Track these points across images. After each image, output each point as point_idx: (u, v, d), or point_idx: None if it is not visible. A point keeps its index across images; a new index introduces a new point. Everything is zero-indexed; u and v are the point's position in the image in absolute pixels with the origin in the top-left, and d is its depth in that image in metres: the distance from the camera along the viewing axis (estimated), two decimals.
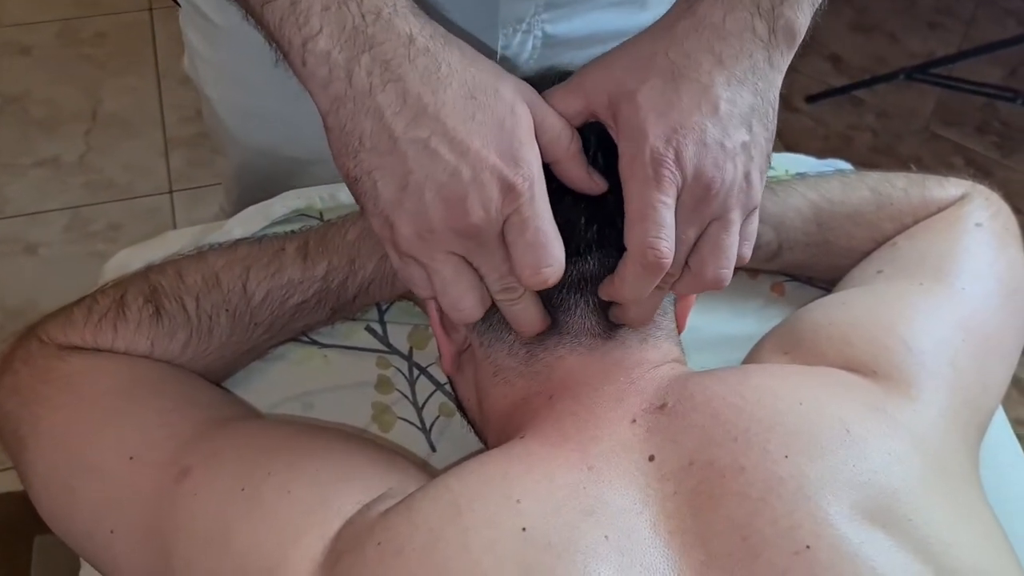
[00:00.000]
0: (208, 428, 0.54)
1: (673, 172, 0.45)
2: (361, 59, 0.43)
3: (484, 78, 0.45)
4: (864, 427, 0.48)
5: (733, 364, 0.64)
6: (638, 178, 0.46)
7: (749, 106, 0.47)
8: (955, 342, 0.56)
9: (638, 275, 0.47)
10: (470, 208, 0.44)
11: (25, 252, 1.60)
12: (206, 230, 0.78)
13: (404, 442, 0.67)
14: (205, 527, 0.48)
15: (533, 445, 0.49)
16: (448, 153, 0.43)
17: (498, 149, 0.44)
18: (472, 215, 0.44)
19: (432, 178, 0.43)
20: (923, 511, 0.45)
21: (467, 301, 0.48)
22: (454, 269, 0.46)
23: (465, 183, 0.43)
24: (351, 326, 0.71)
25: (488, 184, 0.44)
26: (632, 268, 0.47)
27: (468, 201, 0.43)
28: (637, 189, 0.46)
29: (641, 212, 0.46)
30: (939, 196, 0.69)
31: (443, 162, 0.43)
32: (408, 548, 0.43)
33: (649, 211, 0.46)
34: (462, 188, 0.43)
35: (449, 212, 0.44)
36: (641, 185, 0.46)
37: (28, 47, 1.86)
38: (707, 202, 0.46)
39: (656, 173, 0.45)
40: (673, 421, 0.49)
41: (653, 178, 0.45)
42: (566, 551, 0.43)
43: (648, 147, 0.45)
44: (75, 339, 0.58)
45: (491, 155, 0.43)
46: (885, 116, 1.88)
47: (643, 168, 0.46)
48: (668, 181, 0.45)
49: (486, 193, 0.44)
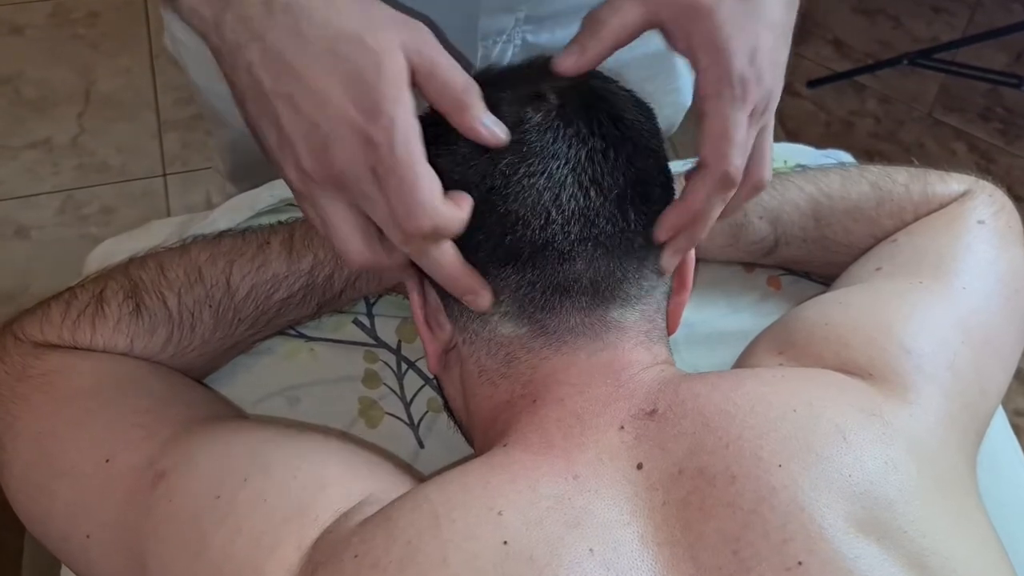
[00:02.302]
0: (186, 429, 0.53)
1: (755, 92, 0.47)
2: (225, 17, 0.44)
3: (350, 29, 0.44)
4: (860, 434, 0.47)
5: (728, 359, 0.63)
6: (724, 96, 0.47)
7: (790, 24, 0.50)
8: (954, 345, 0.55)
9: (713, 191, 0.49)
10: (334, 160, 0.44)
11: (17, 235, 1.59)
12: (192, 219, 0.77)
13: (392, 438, 0.66)
14: (180, 534, 0.47)
15: (516, 453, 0.47)
16: (310, 108, 0.44)
17: (356, 102, 0.43)
18: (336, 166, 0.45)
19: (298, 131, 0.44)
20: (919, 522, 0.44)
21: (352, 244, 0.48)
22: (340, 213, 0.47)
23: (326, 136, 0.44)
24: (338, 319, 0.70)
25: (347, 137, 0.44)
26: (709, 184, 0.49)
27: (331, 153, 0.44)
28: (721, 107, 0.47)
29: (724, 130, 0.48)
30: (941, 192, 0.67)
31: (305, 117, 0.44)
32: (385, 561, 0.42)
33: (732, 130, 0.48)
34: (324, 141, 0.44)
35: (317, 163, 0.45)
36: (726, 103, 0.47)
37: (20, 27, 1.84)
38: (767, 114, 0.50)
39: (743, 92, 0.47)
40: (663, 428, 0.47)
41: (740, 97, 0.47)
42: (549, 566, 0.41)
43: (735, 66, 0.47)
44: (52, 337, 0.57)
45: (349, 109, 0.43)
46: (887, 102, 1.86)
47: (729, 87, 0.47)
48: (750, 100, 0.47)
49: (346, 146, 0.44)
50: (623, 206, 0.50)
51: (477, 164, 0.49)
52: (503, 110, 0.49)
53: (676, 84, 0.83)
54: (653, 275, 0.52)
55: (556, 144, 0.49)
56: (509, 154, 0.48)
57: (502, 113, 0.49)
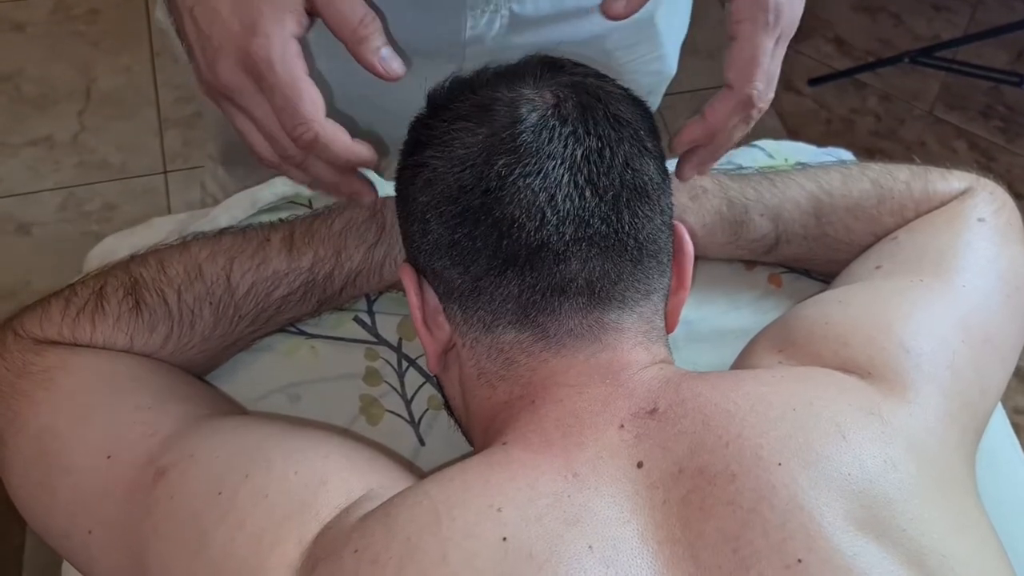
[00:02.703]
0: (186, 426, 0.53)
1: (784, 19, 0.50)
2: None
3: None
4: (860, 433, 0.47)
5: (729, 357, 0.63)
6: (759, 23, 0.50)
7: None
8: (954, 344, 0.55)
9: (734, 111, 0.52)
10: (219, 71, 0.49)
11: (18, 232, 1.59)
12: (194, 216, 0.77)
13: (392, 436, 0.66)
14: (181, 531, 0.47)
15: (515, 451, 0.47)
16: (205, 21, 0.49)
17: (241, 19, 0.48)
18: (221, 77, 0.49)
19: (197, 43, 0.50)
20: (918, 521, 0.44)
21: (260, 145, 0.52)
22: (239, 117, 0.52)
23: (214, 50, 0.49)
24: (339, 316, 0.70)
25: (230, 52, 0.48)
26: (731, 104, 0.52)
27: (218, 65, 0.49)
28: (754, 33, 0.50)
29: (754, 56, 0.51)
30: (942, 189, 0.67)
31: (200, 29, 0.49)
32: (384, 557, 0.42)
33: (762, 57, 0.51)
34: (213, 55, 0.49)
35: (211, 73, 0.50)
36: (760, 30, 0.50)
37: (21, 24, 1.84)
38: (786, 41, 0.52)
39: (776, 19, 0.50)
40: (663, 427, 0.47)
41: (772, 24, 0.50)
42: (548, 562, 0.41)
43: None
44: (52, 334, 0.57)
45: (235, 24, 0.48)
46: (888, 100, 1.86)
47: (764, 12, 0.50)
48: (780, 27, 0.50)
49: (228, 59, 0.48)
50: (618, 207, 0.50)
51: (473, 166, 0.49)
52: (498, 110, 0.49)
53: (659, 52, 0.83)
54: (650, 276, 0.52)
55: (552, 144, 0.49)
56: (505, 155, 0.48)
57: (497, 113, 0.49)
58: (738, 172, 0.72)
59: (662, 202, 0.52)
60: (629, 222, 0.50)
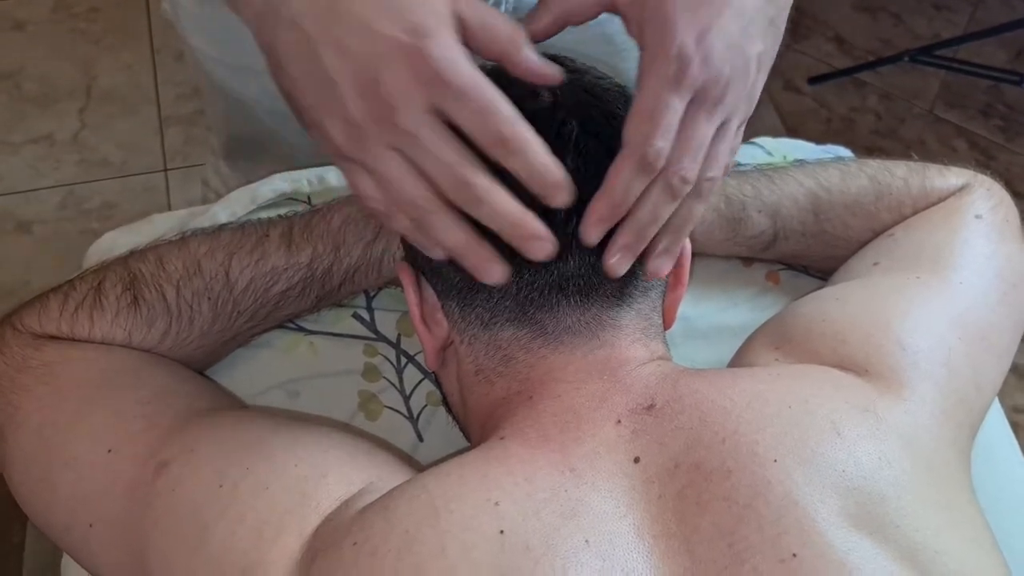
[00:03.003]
0: (187, 420, 0.53)
1: (697, 74, 0.44)
2: None
3: None
4: (855, 430, 0.47)
5: (726, 353, 0.63)
6: (659, 74, 0.44)
7: (768, 18, 0.46)
8: (950, 341, 0.55)
9: (632, 175, 0.45)
10: (383, 91, 0.42)
11: (18, 230, 1.59)
12: (194, 213, 0.77)
13: (391, 432, 0.66)
14: (182, 524, 0.47)
15: (513, 446, 0.47)
16: (358, 46, 0.42)
17: (406, 28, 0.42)
18: (386, 97, 0.42)
19: (345, 71, 0.42)
20: (911, 517, 0.45)
21: (414, 191, 0.45)
22: (396, 163, 0.44)
23: (376, 68, 0.42)
24: (338, 313, 0.70)
25: (398, 60, 0.42)
26: (628, 166, 0.45)
27: (380, 84, 0.42)
28: (654, 85, 0.44)
29: (651, 110, 0.44)
30: (939, 186, 0.67)
31: (353, 56, 0.42)
32: (383, 549, 0.42)
33: (661, 111, 0.44)
34: (373, 74, 0.42)
35: (368, 103, 0.43)
36: (659, 82, 0.44)
37: (22, 22, 1.84)
38: (722, 107, 0.45)
39: (679, 72, 0.43)
40: (660, 423, 0.48)
41: (674, 77, 0.44)
42: (545, 555, 0.42)
43: (676, 43, 0.43)
44: (50, 329, 0.57)
45: (400, 34, 0.42)
46: (888, 98, 1.86)
47: (666, 65, 0.44)
48: (688, 84, 0.44)
49: (398, 73, 0.42)
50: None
51: None
52: None
53: None
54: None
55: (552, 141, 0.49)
56: None
57: None
58: (736, 169, 0.72)
59: None
60: None
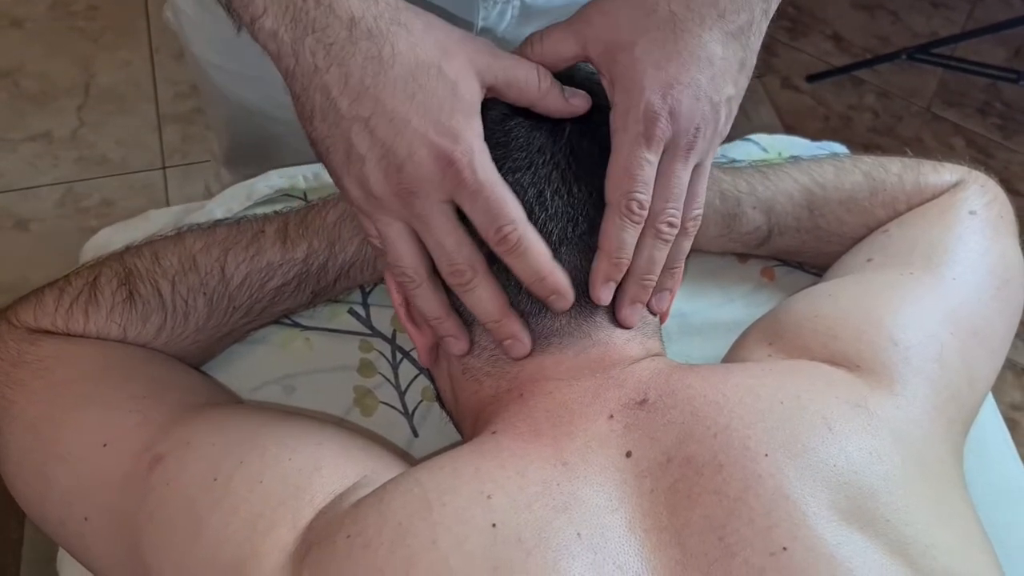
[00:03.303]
0: (181, 414, 0.53)
1: (665, 128, 0.47)
2: (305, 41, 0.45)
3: (429, 57, 0.46)
4: (846, 425, 0.47)
5: (721, 349, 0.63)
6: (630, 132, 0.47)
7: (739, 61, 0.49)
8: (942, 336, 0.55)
9: (619, 227, 0.49)
10: (404, 179, 0.46)
11: (17, 227, 1.59)
12: (190, 209, 0.77)
13: (386, 427, 0.67)
14: (176, 517, 0.48)
15: (505, 440, 0.48)
16: (386, 131, 0.45)
17: (435, 126, 0.45)
18: (408, 185, 0.46)
19: (372, 152, 0.46)
20: (902, 511, 0.45)
21: (408, 260, 0.49)
22: (397, 231, 0.49)
23: (402, 158, 0.45)
24: (334, 308, 0.70)
25: (425, 159, 0.45)
26: (614, 220, 0.49)
27: (403, 173, 0.46)
28: (627, 142, 0.48)
29: (627, 167, 0.48)
30: (933, 182, 0.67)
31: (380, 139, 0.45)
32: (376, 542, 0.43)
33: (635, 168, 0.48)
34: (398, 162, 0.45)
35: (388, 182, 0.46)
36: (632, 139, 0.47)
37: (20, 20, 1.84)
38: (694, 151, 0.49)
39: (647, 129, 0.47)
40: (652, 417, 0.48)
41: (643, 134, 0.47)
42: (537, 548, 0.42)
43: (644, 102, 0.47)
44: (46, 324, 0.57)
45: (429, 131, 0.45)
46: (886, 96, 1.86)
47: (636, 123, 0.47)
48: (658, 139, 0.47)
49: (422, 168, 0.45)
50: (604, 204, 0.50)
51: None
52: (489, 106, 0.50)
53: None
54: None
55: (541, 139, 0.49)
56: (496, 148, 0.49)
57: (488, 109, 0.49)
58: (731, 165, 0.72)
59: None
60: None
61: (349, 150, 0.46)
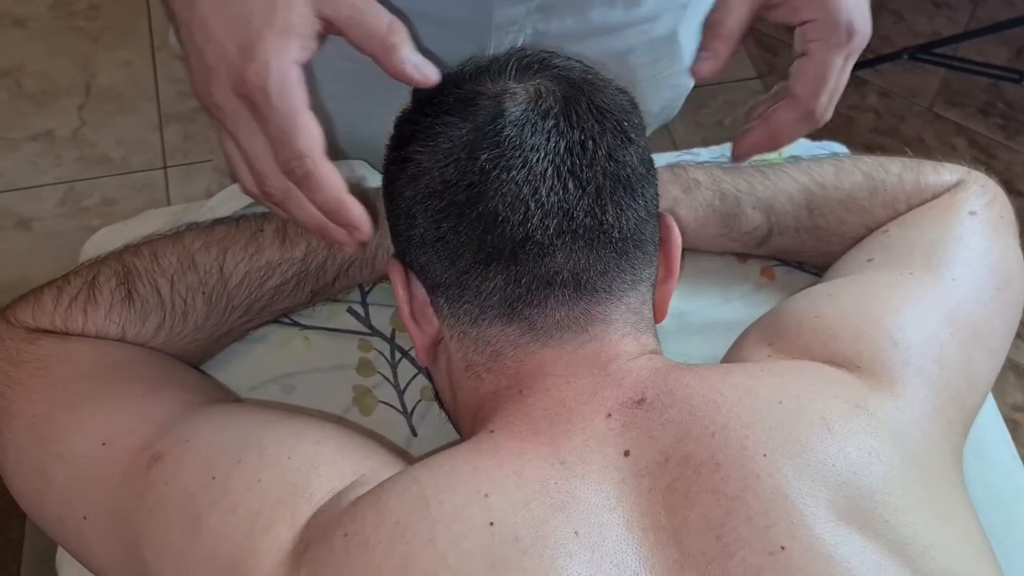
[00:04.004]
0: (181, 412, 0.53)
1: (856, 38, 0.52)
2: None
3: None
4: (845, 425, 0.47)
5: (720, 349, 0.63)
6: (831, 43, 0.51)
7: None
8: (942, 337, 0.55)
9: (796, 122, 0.54)
10: (212, 91, 0.46)
11: (18, 227, 1.60)
12: (188, 208, 0.78)
13: (385, 426, 0.67)
14: (175, 515, 0.48)
15: (502, 439, 0.48)
16: (199, 37, 0.46)
17: (238, 42, 0.45)
18: (213, 97, 0.46)
19: (192, 55, 0.47)
20: (901, 512, 0.45)
21: (244, 174, 0.49)
22: (228, 141, 0.49)
23: (208, 67, 0.46)
24: (333, 308, 0.70)
25: (223, 74, 0.45)
26: (795, 115, 0.54)
27: (210, 84, 0.46)
28: (826, 52, 0.52)
29: (823, 74, 0.52)
30: (934, 182, 0.67)
31: (196, 44, 0.46)
32: (374, 540, 0.43)
33: (830, 72, 0.52)
34: (206, 70, 0.46)
35: (203, 90, 0.47)
36: (832, 47, 0.52)
37: (22, 19, 1.84)
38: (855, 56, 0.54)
39: (848, 38, 0.51)
40: (650, 416, 0.48)
41: (844, 43, 0.51)
42: (534, 546, 0.42)
43: (842, 15, 0.51)
44: (44, 323, 0.57)
45: (230, 46, 0.45)
46: (888, 96, 1.86)
47: (837, 34, 0.51)
48: (851, 46, 0.52)
49: (222, 82, 0.45)
50: (601, 199, 0.50)
51: (457, 161, 0.49)
52: (482, 104, 0.49)
53: (680, 66, 0.84)
54: (636, 266, 0.52)
55: (535, 137, 0.49)
56: (488, 149, 0.49)
57: (481, 107, 0.49)
58: (731, 165, 0.72)
59: (646, 193, 0.52)
60: (613, 213, 0.50)
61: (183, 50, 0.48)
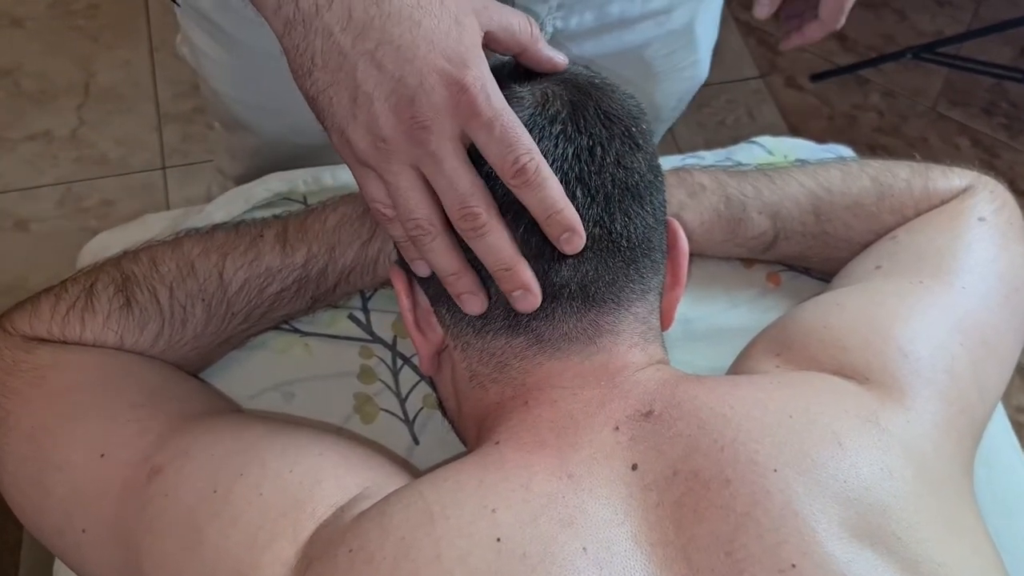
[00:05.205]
0: (180, 423, 0.52)
1: None
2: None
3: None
4: (856, 440, 0.47)
5: (727, 355, 0.62)
6: None
7: None
8: (952, 347, 0.54)
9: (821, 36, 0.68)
10: (417, 112, 0.45)
11: (16, 228, 1.59)
12: (187, 213, 0.77)
13: (387, 434, 0.66)
14: (176, 529, 0.47)
15: (508, 451, 0.47)
16: (393, 63, 0.44)
17: (444, 54, 0.44)
18: (420, 117, 0.45)
19: (380, 88, 0.45)
20: (913, 528, 0.44)
21: (422, 210, 0.48)
22: (409, 179, 0.47)
23: (412, 89, 0.44)
24: (334, 314, 0.70)
25: (436, 87, 0.44)
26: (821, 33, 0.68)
27: (415, 106, 0.44)
28: None
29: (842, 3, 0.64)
30: (942, 187, 0.67)
31: (389, 72, 0.44)
32: (379, 556, 0.42)
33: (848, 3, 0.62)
34: (410, 93, 0.44)
35: (398, 119, 0.45)
36: None
37: (20, 19, 1.83)
38: None
39: None
40: (658, 429, 0.47)
41: None
42: (542, 563, 0.41)
43: None
44: (41, 331, 0.57)
45: (438, 58, 0.44)
46: (891, 96, 1.86)
47: None
48: None
49: (434, 96, 0.44)
50: (610, 207, 0.49)
51: None
52: None
53: (695, 57, 0.85)
54: (644, 275, 0.51)
55: (543, 142, 0.48)
56: None
57: None
58: (737, 169, 0.71)
59: (654, 200, 0.51)
60: (622, 222, 0.49)
61: (355, 92, 0.45)
